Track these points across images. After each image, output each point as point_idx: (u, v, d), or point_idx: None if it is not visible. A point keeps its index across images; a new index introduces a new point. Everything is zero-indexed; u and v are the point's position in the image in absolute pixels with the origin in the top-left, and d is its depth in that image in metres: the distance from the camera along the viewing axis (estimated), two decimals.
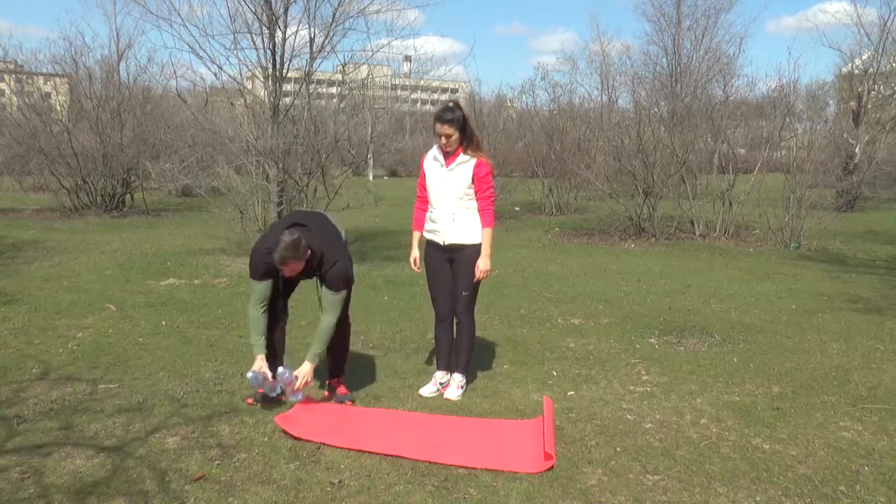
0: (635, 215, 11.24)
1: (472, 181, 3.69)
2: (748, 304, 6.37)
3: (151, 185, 14.94)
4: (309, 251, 3.42)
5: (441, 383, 3.94)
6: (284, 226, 3.53)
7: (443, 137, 3.68)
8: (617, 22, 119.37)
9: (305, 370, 3.56)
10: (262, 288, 3.55)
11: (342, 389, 3.81)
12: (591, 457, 3.06)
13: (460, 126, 3.65)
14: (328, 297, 3.55)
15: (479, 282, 3.83)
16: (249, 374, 3.51)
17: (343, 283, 3.55)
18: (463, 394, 3.86)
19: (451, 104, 3.72)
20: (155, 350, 4.65)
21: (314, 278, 3.63)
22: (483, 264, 3.75)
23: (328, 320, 3.56)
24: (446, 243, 3.79)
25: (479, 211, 3.75)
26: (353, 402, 3.74)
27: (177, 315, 5.66)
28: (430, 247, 3.90)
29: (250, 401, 3.67)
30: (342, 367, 3.86)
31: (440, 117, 3.65)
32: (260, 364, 3.55)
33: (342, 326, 3.74)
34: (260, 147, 8.33)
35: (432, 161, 3.82)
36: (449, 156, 3.73)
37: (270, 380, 3.54)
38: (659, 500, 2.69)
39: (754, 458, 3.06)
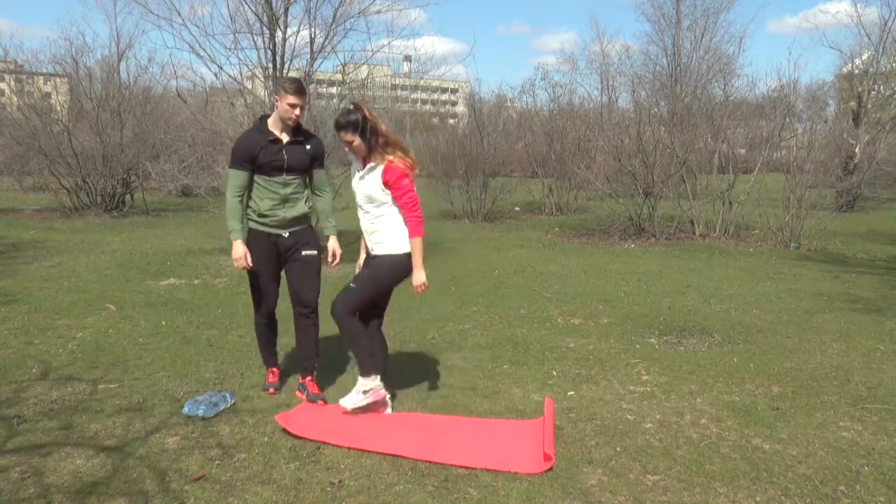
0: (635, 215, 11.24)
1: (385, 188, 3.37)
2: (748, 304, 6.37)
3: (151, 185, 14.95)
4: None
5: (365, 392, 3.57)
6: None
7: (345, 146, 3.44)
8: (617, 22, 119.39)
9: (334, 244, 3.82)
10: (241, 176, 3.65)
11: (314, 388, 3.81)
12: (591, 457, 3.06)
13: (360, 129, 3.33)
14: (321, 175, 3.85)
15: (372, 291, 3.51)
16: (185, 409, 3.49)
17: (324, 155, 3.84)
18: (363, 401, 3.45)
19: (350, 106, 3.41)
20: (155, 350, 4.65)
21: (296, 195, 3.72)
22: (415, 278, 3.45)
23: (330, 196, 3.94)
24: (371, 254, 3.56)
25: (405, 220, 3.43)
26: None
27: (177, 315, 5.66)
28: (367, 255, 3.68)
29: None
30: (313, 364, 3.85)
31: (335, 123, 3.41)
32: (241, 250, 3.66)
33: (311, 323, 3.77)
34: None
35: (355, 170, 3.56)
36: (365, 162, 3.46)
37: (209, 395, 3.58)
38: (659, 500, 2.69)
39: (754, 458, 3.06)
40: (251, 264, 3.70)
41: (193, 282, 7.11)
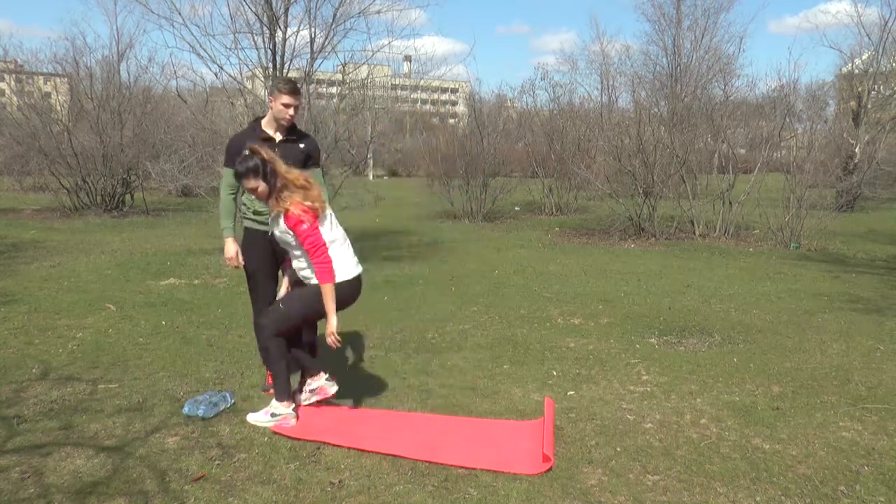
0: (635, 215, 11.24)
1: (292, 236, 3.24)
2: (748, 304, 6.37)
3: (151, 185, 14.96)
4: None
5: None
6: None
7: (251, 193, 3.29)
8: (617, 22, 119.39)
9: None
10: (233, 175, 3.62)
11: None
12: (591, 457, 3.06)
13: (261, 174, 3.18)
14: (318, 175, 3.76)
15: (301, 314, 3.40)
16: (185, 409, 3.49)
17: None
18: (268, 423, 3.36)
19: (246, 152, 3.22)
20: (155, 350, 4.65)
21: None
22: (327, 326, 3.24)
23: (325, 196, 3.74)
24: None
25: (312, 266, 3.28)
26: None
27: (177, 315, 5.66)
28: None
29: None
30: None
31: (235, 173, 3.27)
32: (233, 248, 3.72)
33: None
34: None
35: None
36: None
37: (209, 395, 3.58)
38: (659, 500, 2.69)
39: (754, 458, 3.06)
40: (243, 263, 3.74)
41: (193, 282, 7.11)
